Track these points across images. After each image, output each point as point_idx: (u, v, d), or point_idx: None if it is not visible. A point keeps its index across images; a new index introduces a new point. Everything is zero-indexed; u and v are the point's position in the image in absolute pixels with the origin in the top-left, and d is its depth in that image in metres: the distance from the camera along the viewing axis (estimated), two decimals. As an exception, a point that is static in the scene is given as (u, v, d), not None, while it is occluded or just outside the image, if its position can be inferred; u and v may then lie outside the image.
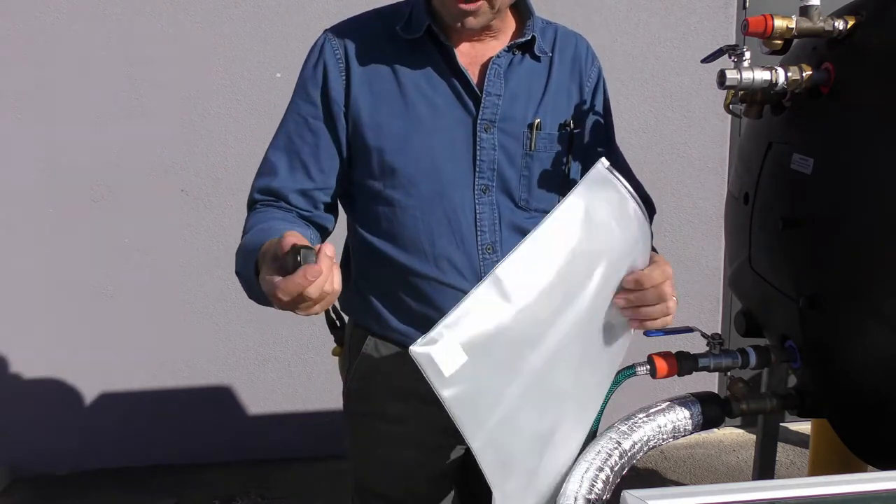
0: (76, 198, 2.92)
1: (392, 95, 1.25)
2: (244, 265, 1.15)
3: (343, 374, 1.45)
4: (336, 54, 1.27)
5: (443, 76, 1.25)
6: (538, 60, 1.30)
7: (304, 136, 1.28)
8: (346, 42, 1.28)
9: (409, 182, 1.25)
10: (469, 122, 1.25)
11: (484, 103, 1.24)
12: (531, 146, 1.27)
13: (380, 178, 1.27)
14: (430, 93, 1.25)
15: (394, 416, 1.33)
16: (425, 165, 1.24)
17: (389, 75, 1.25)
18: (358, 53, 1.27)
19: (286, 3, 2.87)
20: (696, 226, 3.19)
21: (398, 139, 1.24)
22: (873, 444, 1.11)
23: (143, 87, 2.87)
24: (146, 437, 3.13)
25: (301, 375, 3.14)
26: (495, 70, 1.26)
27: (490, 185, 1.26)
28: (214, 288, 3.04)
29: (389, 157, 1.24)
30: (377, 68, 1.26)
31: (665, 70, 3.04)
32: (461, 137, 1.25)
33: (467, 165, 1.25)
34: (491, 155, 1.25)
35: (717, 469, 3.10)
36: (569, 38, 1.37)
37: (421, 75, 1.25)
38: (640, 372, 1.13)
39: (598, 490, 0.95)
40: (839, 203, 1.04)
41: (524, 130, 1.26)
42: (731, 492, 0.78)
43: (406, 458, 1.35)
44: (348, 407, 1.41)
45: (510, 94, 1.27)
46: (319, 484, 2.94)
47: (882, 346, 1.00)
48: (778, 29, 1.11)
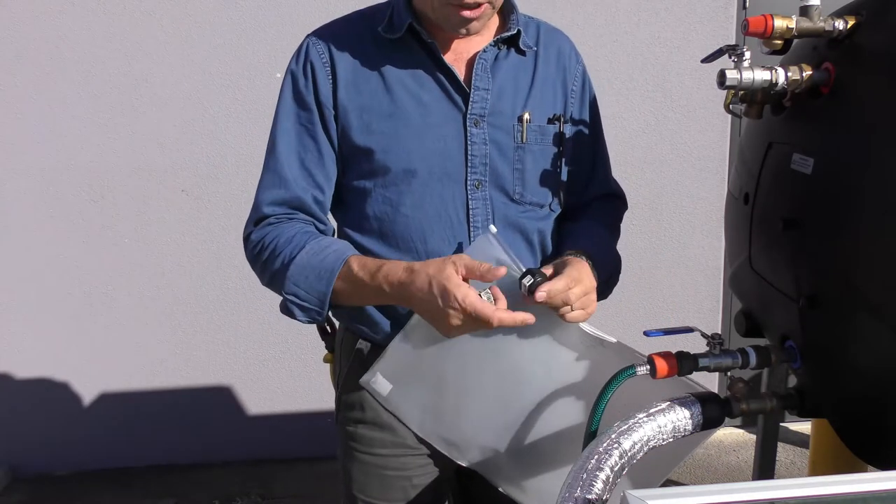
0: (76, 198, 2.92)
1: (379, 95, 1.24)
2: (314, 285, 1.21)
3: (334, 380, 1.44)
4: (322, 58, 1.27)
5: (429, 73, 1.25)
6: (523, 55, 1.31)
7: (305, 143, 1.27)
8: (330, 45, 1.27)
9: (400, 180, 1.24)
10: (458, 117, 1.25)
11: (472, 98, 1.25)
12: (522, 138, 1.27)
13: (370, 178, 1.26)
14: (417, 90, 1.25)
15: (387, 423, 1.33)
16: (416, 163, 1.24)
17: (375, 75, 1.25)
18: (342, 55, 1.27)
19: (286, 2, 2.87)
20: (696, 226, 3.19)
21: (388, 138, 1.24)
22: (873, 444, 1.11)
23: (143, 86, 2.87)
24: (146, 437, 3.13)
25: (301, 375, 3.14)
26: (482, 64, 1.26)
27: (483, 179, 1.26)
28: (214, 288, 3.04)
29: (380, 157, 1.24)
30: (362, 69, 1.26)
31: (665, 70, 3.04)
32: (451, 133, 1.25)
33: (459, 161, 1.25)
34: (482, 149, 1.26)
35: (717, 469, 3.10)
36: (552, 35, 1.37)
37: (407, 74, 1.25)
38: (640, 372, 1.13)
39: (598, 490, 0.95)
40: (839, 203, 1.04)
41: (514, 123, 1.27)
42: (731, 492, 0.78)
43: (399, 465, 1.34)
44: (341, 414, 1.39)
45: (498, 88, 1.27)
46: (319, 484, 2.94)
47: (882, 346, 1.00)
48: (778, 29, 1.11)
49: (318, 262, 1.20)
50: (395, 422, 1.32)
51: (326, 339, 1.47)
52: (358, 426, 1.35)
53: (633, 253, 2.97)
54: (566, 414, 1.25)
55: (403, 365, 1.27)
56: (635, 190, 3.07)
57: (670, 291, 3.24)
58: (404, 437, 1.32)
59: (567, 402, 1.25)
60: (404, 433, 1.32)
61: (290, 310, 1.25)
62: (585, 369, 1.24)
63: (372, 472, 1.35)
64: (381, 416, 1.33)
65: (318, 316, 1.25)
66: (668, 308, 3.25)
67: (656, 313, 3.23)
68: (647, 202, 3.12)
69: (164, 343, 3.07)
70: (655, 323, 3.20)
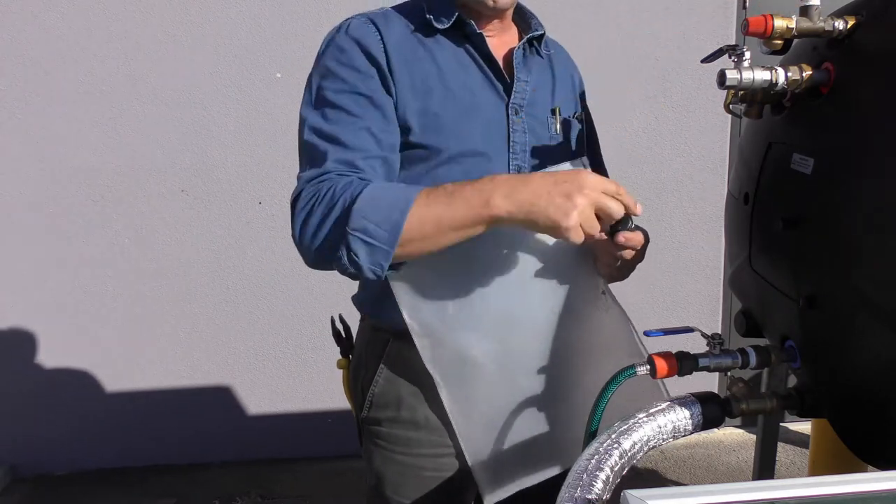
0: (76, 198, 2.92)
1: (432, 77, 1.25)
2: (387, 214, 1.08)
3: (352, 384, 1.43)
4: (370, 29, 1.24)
5: (475, 62, 1.30)
6: (542, 58, 1.39)
7: (368, 111, 1.20)
8: (377, 23, 1.25)
9: (453, 161, 1.26)
10: (501, 106, 1.30)
11: (515, 88, 1.30)
12: (556, 129, 1.35)
13: (422, 159, 1.26)
14: (465, 77, 1.28)
15: (423, 422, 1.32)
16: (470, 145, 1.26)
17: (427, 58, 1.26)
18: (391, 34, 1.24)
19: (286, 2, 2.87)
20: (696, 226, 3.19)
21: (439, 118, 1.25)
22: (873, 444, 1.11)
23: (142, 86, 2.87)
24: (146, 437, 3.13)
25: (301, 375, 3.14)
26: (518, 59, 1.32)
27: (523, 165, 1.31)
28: (215, 288, 3.04)
29: (434, 138, 1.25)
30: (414, 50, 1.26)
31: (665, 70, 3.04)
32: (496, 119, 1.29)
33: (502, 146, 1.30)
34: (522, 137, 1.31)
35: (717, 469, 3.10)
36: (556, 45, 1.46)
37: (455, 61, 1.28)
38: (640, 372, 1.13)
39: (598, 490, 0.95)
40: (839, 203, 1.04)
41: (547, 115, 1.34)
42: (731, 492, 0.78)
43: (438, 465, 1.34)
44: (371, 415, 1.37)
45: (533, 82, 1.33)
46: (319, 484, 2.94)
47: (882, 346, 1.00)
48: (778, 29, 1.11)
49: (389, 193, 1.11)
50: (433, 421, 1.32)
51: (341, 344, 1.46)
52: (393, 426, 1.34)
53: (633, 253, 2.97)
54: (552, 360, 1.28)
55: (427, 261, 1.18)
56: (635, 190, 3.05)
57: (670, 291, 3.24)
58: (441, 436, 1.32)
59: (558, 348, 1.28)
60: (441, 432, 1.32)
61: (353, 251, 1.09)
62: (588, 323, 1.30)
63: (409, 472, 1.35)
64: (418, 415, 1.32)
65: (383, 260, 1.10)
66: (668, 308, 3.25)
67: (656, 313, 3.23)
68: (647, 202, 3.11)
69: (163, 343, 3.07)
70: (655, 323, 3.19)
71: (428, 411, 1.32)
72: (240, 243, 2.99)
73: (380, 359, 1.35)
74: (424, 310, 1.24)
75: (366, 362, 1.39)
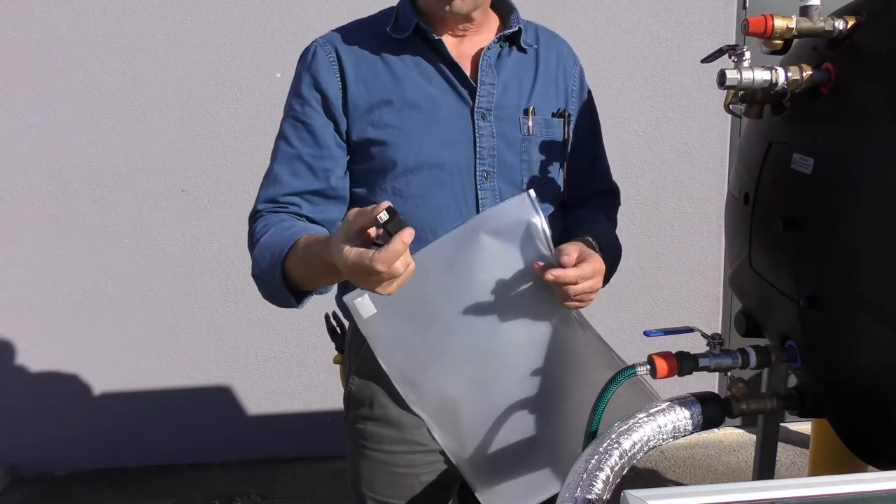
0: (76, 198, 2.92)
1: (389, 90, 1.27)
2: (270, 265, 1.19)
3: (344, 380, 1.45)
4: (329, 57, 1.29)
5: (436, 69, 1.29)
6: (525, 52, 1.35)
7: (303, 137, 1.29)
8: (338, 45, 1.30)
9: (411, 172, 1.27)
10: (466, 111, 1.28)
11: (479, 92, 1.28)
12: (529, 130, 1.31)
13: (380, 170, 1.28)
14: (425, 86, 1.27)
15: (395, 420, 1.34)
16: (427, 155, 1.26)
17: (384, 71, 1.28)
18: (350, 55, 1.29)
19: (286, 3, 2.87)
20: (696, 226, 3.19)
21: (398, 130, 1.26)
22: (873, 444, 1.11)
23: (142, 86, 2.87)
24: (146, 437, 3.13)
25: (301, 375, 3.14)
26: (486, 61, 1.30)
27: (491, 171, 1.29)
28: (214, 288, 3.04)
29: (390, 149, 1.26)
30: (371, 66, 1.28)
31: (665, 70, 3.04)
32: (460, 127, 1.28)
33: (468, 153, 1.28)
34: (490, 142, 1.29)
35: (717, 469, 3.10)
36: (551, 36, 1.42)
37: (415, 70, 1.28)
38: (640, 372, 1.13)
39: (598, 490, 0.95)
40: (839, 203, 1.04)
41: (519, 116, 1.31)
42: (731, 492, 0.78)
43: (408, 461, 1.35)
44: (350, 412, 1.40)
45: (503, 83, 1.31)
46: (319, 484, 2.94)
47: (882, 346, 1.00)
48: (778, 29, 1.11)
49: (277, 241, 1.20)
50: (405, 419, 1.33)
51: (336, 340, 1.48)
52: (367, 423, 1.36)
53: (633, 253, 2.97)
54: (530, 384, 1.29)
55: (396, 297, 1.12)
56: (635, 190, 3.07)
57: (670, 291, 3.24)
58: (413, 434, 1.33)
59: (534, 372, 1.29)
60: (413, 430, 1.33)
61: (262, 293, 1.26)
62: (560, 344, 1.29)
63: (381, 469, 1.36)
64: (390, 412, 1.33)
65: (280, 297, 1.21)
66: (668, 308, 3.25)
67: (656, 313, 3.23)
68: (647, 202, 3.13)
69: (163, 343, 3.07)
70: (655, 323, 3.20)
71: (400, 410, 1.33)
72: (240, 243, 2.98)
73: (358, 355, 1.36)
74: (398, 356, 1.29)
75: (348, 360, 1.41)
